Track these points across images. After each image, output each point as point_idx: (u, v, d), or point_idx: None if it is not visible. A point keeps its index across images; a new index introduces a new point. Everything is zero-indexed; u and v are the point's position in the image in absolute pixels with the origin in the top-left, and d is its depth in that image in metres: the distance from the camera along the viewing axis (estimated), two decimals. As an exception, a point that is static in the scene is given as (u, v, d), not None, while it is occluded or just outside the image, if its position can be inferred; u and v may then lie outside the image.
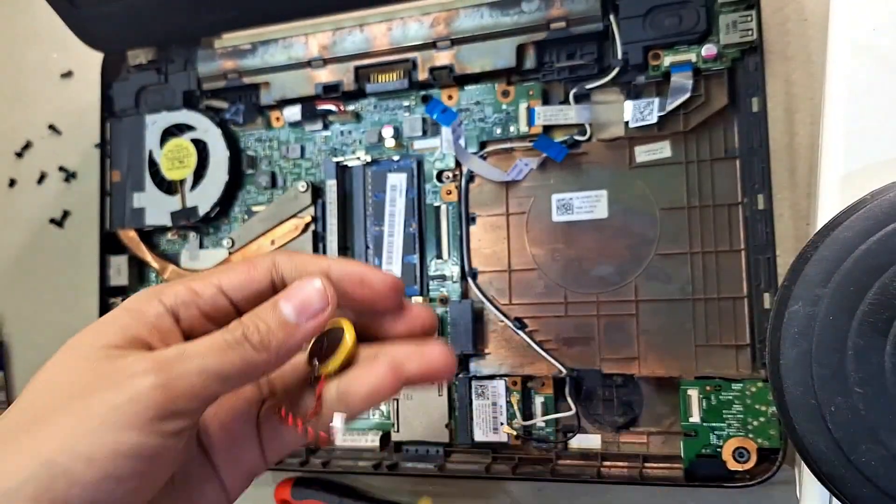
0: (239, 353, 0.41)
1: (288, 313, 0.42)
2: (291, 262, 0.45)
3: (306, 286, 0.43)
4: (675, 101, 0.80)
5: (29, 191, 1.21)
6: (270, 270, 0.44)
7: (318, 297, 0.43)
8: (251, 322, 0.42)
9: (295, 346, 0.43)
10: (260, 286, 0.44)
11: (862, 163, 0.59)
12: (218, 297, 0.44)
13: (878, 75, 0.60)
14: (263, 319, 0.42)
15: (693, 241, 0.81)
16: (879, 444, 0.48)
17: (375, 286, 0.45)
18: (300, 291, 0.43)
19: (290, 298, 0.43)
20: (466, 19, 0.87)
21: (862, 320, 0.49)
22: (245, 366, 0.41)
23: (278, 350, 0.42)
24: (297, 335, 0.42)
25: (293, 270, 0.44)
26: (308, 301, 0.43)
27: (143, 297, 0.43)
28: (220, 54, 0.97)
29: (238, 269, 0.44)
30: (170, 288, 0.43)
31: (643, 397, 0.83)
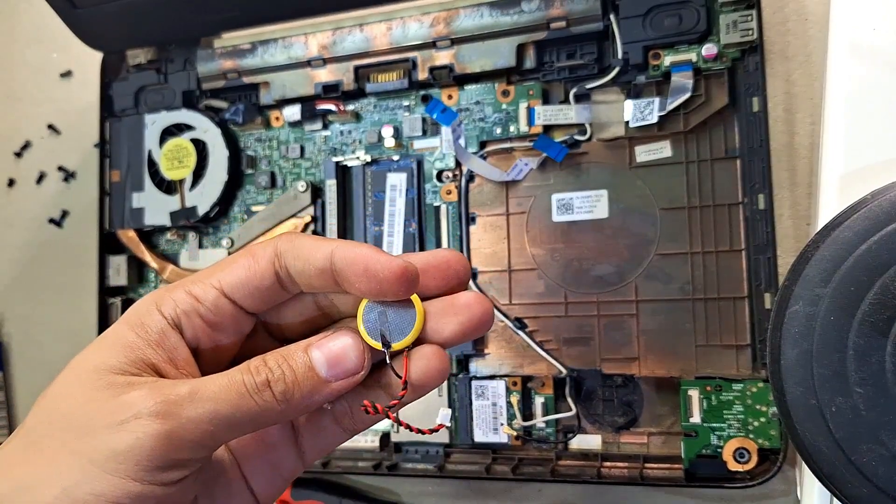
0: (258, 401, 0.38)
1: (319, 366, 0.39)
2: (294, 251, 0.41)
3: (343, 341, 0.40)
4: (675, 100, 0.80)
5: (28, 191, 1.21)
6: (273, 263, 0.41)
7: (355, 358, 0.40)
8: (277, 367, 0.39)
9: (317, 404, 0.40)
10: (263, 281, 0.41)
11: (862, 163, 0.59)
12: (220, 302, 0.41)
13: (879, 75, 0.60)
14: (292, 367, 0.39)
15: (693, 241, 0.81)
16: (880, 444, 0.48)
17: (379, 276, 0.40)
18: (336, 344, 0.40)
19: (322, 348, 0.39)
20: (466, 19, 0.87)
21: (862, 320, 0.49)
22: (261, 416, 0.38)
23: (300, 404, 0.39)
24: (324, 392, 0.39)
25: (297, 261, 0.40)
26: (343, 358, 0.40)
27: (143, 308, 0.40)
28: (220, 54, 0.97)
29: (239, 265, 0.41)
30: (169, 294, 0.41)
31: (643, 397, 0.83)
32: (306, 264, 0.40)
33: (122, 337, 0.39)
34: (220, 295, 0.41)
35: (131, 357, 0.38)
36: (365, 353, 0.40)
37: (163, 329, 0.40)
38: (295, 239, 0.41)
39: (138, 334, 0.39)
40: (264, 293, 0.41)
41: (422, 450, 0.89)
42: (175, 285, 0.41)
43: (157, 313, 0.40)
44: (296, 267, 0.41)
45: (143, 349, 0.39)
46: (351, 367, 0.40)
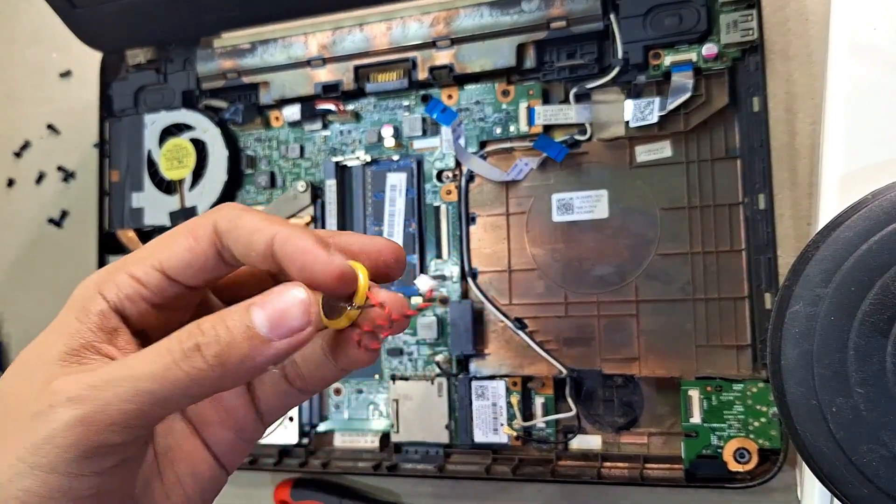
0: (186, 369, 0.34)
1: (259, 323, 0.35)
2: (235, 232, 0.38)
3: (286, 294, 0.36)
4: (675, 100, 0.80)
5: (27, 191, 1.21)
6: (214, 242, 0.38)
7: (300, 314, 0.36)
8: (211, 328, 0.35)
9: (259, 367, 0.36)
10: (207, 261, 0.39)
11: (863, 162, 0.59)
12: (164, 283, 0.39)
13: (880, 75, 0.60)
14: (228, 327, 0.35)
15: (693, 241, 0.81)
16: (881, 445, 0.48)
17: (317, 277, 0.37)
18: (278, 299, 0.36)
19: (264, 305, 0.35)
20: (466, 19, 0.87)
21: (863, 320, 0.49)
22: (192, 385, 0.35)
23: (238, 367, 0.35)
24: (266, 353, 0.35)
25: (237, 244, 0.38)
26: (286, 314, 0.35)
27: (86, 293, 0.38)
28: (220, 54, 0.97)
29: (178, 244, 0.39)
30: (111, 278, 0.38)
31: (643, 398, 0.83)
32: (248, 248, 0.38)
33: (66, 324, 0.38)
34: (162, 277, 0.39)
35: (73, 344, 0.37)
36: (312, 306, 0.36)
37: (103, 312, 0.38)
38: (236, 218, 0.38)
39: (80, 320, 0.38)
40: (209, 271, 0.39)
41: (421, 450, 0.89)
42: (116, 267, 0.39)
43: (100, 298, 0.38)
44: (237, 250, 0.38)
45: (85, 334, 0.37)
46: (296, 323, 0.36)
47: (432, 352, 0.90)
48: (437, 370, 0.89)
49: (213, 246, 0.38)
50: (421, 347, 0.90)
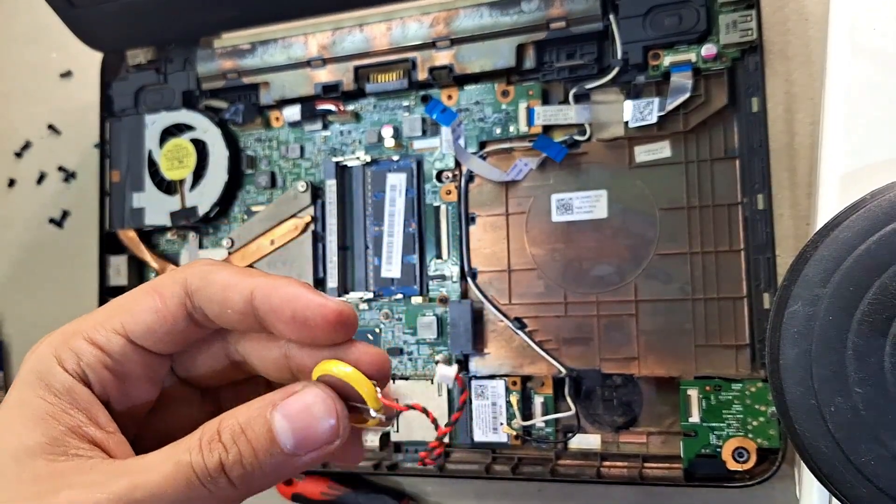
0: (211, 490, 0.31)
1: (284, 437, 0.32)
2: (208, 290, 0.34)
3: (312, 401, 0.33)
4: (674, 100, 0.80)
5: (28, 191, 1.21)
6: (184, 303, 0.35)
7: (329, 430, 0.33)
8: (233, 442, 0.32)
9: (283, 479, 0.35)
10: (176, 323, 0.35)
11: (862, 162, 0.59)
12: (128, 351, 0.35)
13: (879, 75, 0.60)
14: (250, 442, 0.32)
15: (693, 241, 0.81)
16: (879, 445, 0.48)
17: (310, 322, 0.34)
18: (303, 408, 0.32)
19: (289, 415, 0.32)
20: (466, 19, 0.87)
21: (862, 320, 0.49)
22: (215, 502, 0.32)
23: (262, 485, 0.33)
24: (291, 468, 0.33)
25: (211, 303, 0.34)
26: (313, 425, 0.32)
27: (43, 367, 0.34)
28: (220, 54, 0.98)
29: (144, 307, 0.35)
30: (68, 345, 0.34)
31: (643, 397, 0.83)
32: (223, 306, 0.34)
33: (33, 406, 0.33)
34: (126, 343, 0.35)
35: (51, 432, 0.32)
36: (343, 417, 0.33)
37: (71, 388, 0.34)
38: (208, 274, 0.35)
39: (47, 400, 0.33)
40: (178, 336, 0.36)
41: (422, 449, 0.89)
42: (72, 330, 0.35)
43: (60, 370, 0.34)
44: (211, 310, 0.35)
45: (61, 417, 0.33)
46: (324, 436, 0.33)
47: (432, 351, 0.90)
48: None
49: (182, 307, 0.35)
50: (421, 347, 0.91)
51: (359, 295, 0.92)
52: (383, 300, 0.92)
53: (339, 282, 0.92)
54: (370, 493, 0.94)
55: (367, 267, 0.93)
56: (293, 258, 0.94)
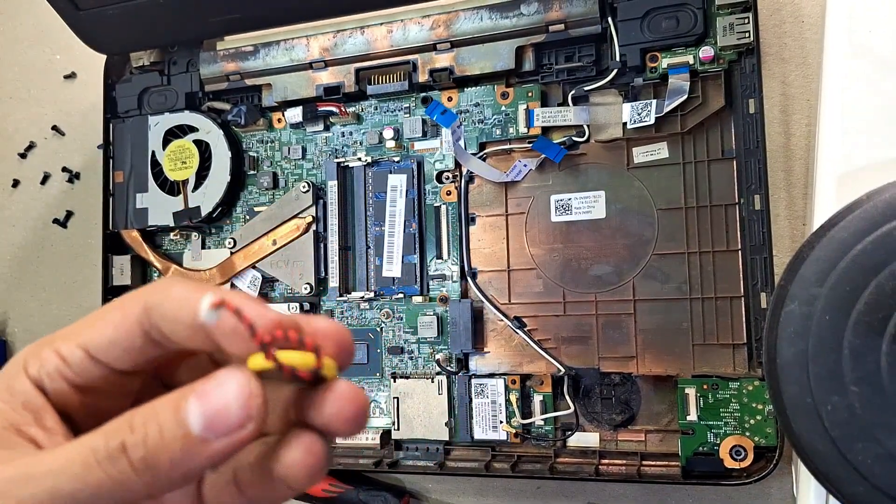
0: (111, 473, 0.30)
1: (193, 419, 0.30)
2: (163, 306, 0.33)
3: (226, 384, 0.30)
4: (672, 102, 0.80)
5: (32, 191, 1.21)
6: (141, 321, 0.33)
7: (238, 406, 0.30)
8: (140, 425, 0.30)
9: (196, 471, 0.30)
10: (133, 340, 0.34)
11: (858, 163, 0.60)
12: (87, 364, 0.34)
13: (874, 76, 0.60)
14: (159, 425, 0.30)
15: (690, 241, 0.81)
16: (875, 443, 0.48)
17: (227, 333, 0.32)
18: (215, 388, 0.30)
19: (202, 398, 0.30)
20: (466, 22, 0.88)
21: (858, 320, 0.49)
22: (118, 489, 0.30)
23: (170, 472, 0.30)
24: (202, 456, 0.30)
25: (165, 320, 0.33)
26: (224, 408, 0.30)
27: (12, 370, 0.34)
28: (223, 56, 0.98)
29: (105, 320, 0.34)
30: (38, 350, 0.34)
31: (641, 396, 0.84)
32: (175, 323, 0.33)
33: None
34: (85, 356, 0.34)
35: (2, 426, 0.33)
36: (255, 397, 0.30)
37: (27, 391, 0.34)
38: (165, 290, 0.33)
39: (3, 399, 0.34)
40: (136, 353, 0.34)
41: (422, 447, 0.90)
42: (47, 341, 0.35)
43: (24, 374, 0.34)
44: (166, 326, 0.33)
45: (8, 414, 0.33)
46: (235, 420, 0.30)
47: (432, 350, 0.91)
48: (437, 368, 0.90)
49: (139, 324, 0.33)
50: (421, 346, 0.91)
51: (360, 294, 0.93)
52: (384, 299, 0.93)
53: (341, 281, 0.93)
54: (371, 491, 0.95)
55: (369, 267, 0.94)
56: (295, 258, 0.95)
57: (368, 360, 0.93)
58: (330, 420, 0.33)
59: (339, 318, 0.95)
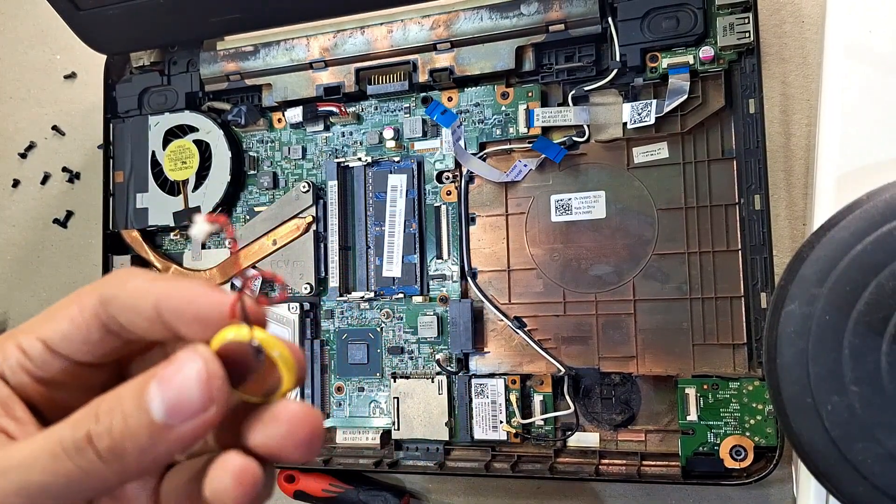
0: (78, 463, 0.30)
1: (156, 406, 0.29)
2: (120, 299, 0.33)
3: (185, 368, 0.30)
4: (672, 102, 0.80)
5: (33, 191, 1.21)
6: (98, 313, 0.33)
7: (198, 389, 0.30)
8: (105, 415, 0.30)
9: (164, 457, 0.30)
10: (90, 333, 0.34)
11: (858, 163, 0.60)
12: (46, 357, 0.34)
13: (874, 77, 0.60)
14: (122, 412, 0.30)
15: (690, 241, 0.82)
16: (875, 442, 0.48)
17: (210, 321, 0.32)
18: (177, 375, 0.30)
19: (162, 384, 0.30)
20: (466, 22, 0.88)
21: (858, 319, 0.49)
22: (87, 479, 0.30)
23: (139, 460, 0.30)
24: (168, 442, 0.30)
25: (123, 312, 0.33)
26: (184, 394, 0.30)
27: None
28: (223, 56, 0.98)
29: (62, 314, 0.34)
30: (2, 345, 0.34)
31: (641, 396, 0.84)
32: (133, 315, 0.33)
33: None
34: (45, 349, 0.34)
35: None
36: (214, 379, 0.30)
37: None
38: (121, 282, 0.34)
39: None
40: (95, 345, 0.34)
41: (422, 447, 0.90)
42: (11, 334, 0.35)
43: None
44: (124, 319, 0.33)
45: None
46: (196, 404, 0.30)
47: (433, 350, 0.91)
48: (437, 368, 0.90)
49: (96, 316, 0.33)
50: (421, 346, 0.91)
51: (360, 294, 0.93)
52: (384, 299, 0.93)
53: (341, 281, 0.93)
54: (371, 491, 0.95)
55: (369, 267, 0.94)
56: (295, 258, 0.95)
57: (368, 360, 0.93)
58: (278, 443, 0.31)
59: (339, 318, 0.95)
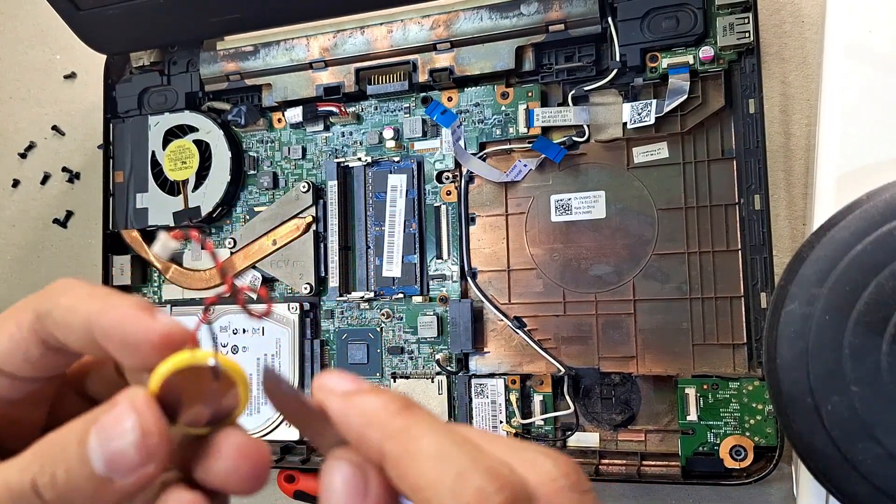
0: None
1: (96, 461, 0.28)
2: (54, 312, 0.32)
3: (123, 419, 0.29)
4: (672, 102, 0.80)
5: (33, 191, 1.21)
6: (35, 328, 0.32)
7: (134, 448, 0.28)
8: (49, 464, 0.29)
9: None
10: (28, 350, 0.32)
11: (857, 163, 0.60)
12: None
13: (874, 77, 0.60)
14: (65, 463, 0.29)
15: (690, 241, 0.82)
16: (875, 442, 0.48)
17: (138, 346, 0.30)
18: (114, 427, 0.29)
19: (101, 434, 0.29)
20: (466, 22, 0.88)
21: (858, 319, 0.49)
22: None
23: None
24: (111, 492, 0.29)
25: (59, 328, 0.32)
26: (122, 450, 0.28)
27: None
28: (223, 56, 0.98)
29: (2, 331, 0.33)
30: None
31: (641, 396, 0.84)
32: (68, 333, 0.32)
33: None
34: None
35: None
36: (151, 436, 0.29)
37: None
38: (56, 297, 0.32)
39: None
40: (35, 362, 0.33)
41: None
42: None
43: None
44: (60, 335, 0.32)
45: None
46: (133, 458, 0.29)
47: (432, 350, 0.91)
48: (437, 368, 0.90)
49: (33, 332, 0.32)
50: (421, 346, 0.91)
51: (360, 294, 0.93)
52: (384, 299, 0.93)
53: (341, 281, 0.93)
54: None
55: (369, 267, 0.94)
56: (295, 258, 0.95)
57: (368, 360, 0.93)
58: (222, 478, 0.31)
59: (339, 318, 0.95)
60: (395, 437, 0.28)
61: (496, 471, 0.27)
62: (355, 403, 0.29)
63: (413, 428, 0.28)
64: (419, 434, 0.28)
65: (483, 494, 0.26)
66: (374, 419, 0.29)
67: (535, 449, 0.30)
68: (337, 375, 0.31)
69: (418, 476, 0.27)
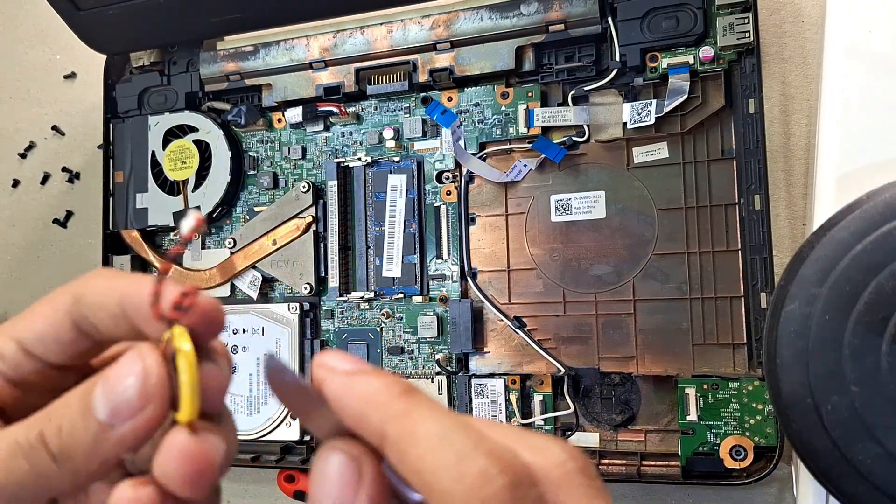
0: (30, 463, 0.30)
1: (98, 405, 0.29)
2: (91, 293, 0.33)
3: (126, 365, 0.30)
4: (672, 102, 0.80)
5: (33, 191, 1.21)
6: (71, 312, 0.33)
7: (134, 388, 0.29)
8: (55, 417, 0.30)
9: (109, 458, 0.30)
10: (62, 332, 0.33)
11: (858, 163, 0.60)
12: (19, 357, 0.33)
13: (874, 77, 0.60)
14: (71, 413, 0.30)
15: (690, 241, 0.81)
16: (875, 442, 0.48)
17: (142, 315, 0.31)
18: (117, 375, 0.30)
19: (106, 384, 0.30)
20: (466, 22, 0.88)
21: (858, 319, 0.49)
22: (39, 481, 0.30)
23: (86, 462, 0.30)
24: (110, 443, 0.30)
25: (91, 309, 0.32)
26: (124, 394, 0.29)
27: None
28: (223, 56, 0.98)
29: (36, 312, 0.33)
30: None
31: (641, 396, 0.84)
32: (102, 313, 0.32)
33: None
34: (18, 349, 0.33)
35: None
36: (151, 376, 0.29)
37: None
38: (89, 280, 0.33)
39: None
40: (67, 345, 0.33)
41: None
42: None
43: None
44: (94, 317, 0.33)
45: None
46: (133, 402, 0.29)
47: (432, 350, 0.91)
48: (437, 368, 0.90)
49: (68, 315, 0.33)
50: (421, 346, 0.91)
51: (360, 294, 0.93)
52: (384, 299, 0.93)
53: (341, 281, 0.93)
54: (371, 491, 0.94)
55: (369, 267, 0.94)
56: (295, 258, 0.95)
57: (368, 360, 0.93)
58: (166, 479, 0.30)
59: (339, 318, 0.95)
60: (397, 419, 0.28)
61: (499, 454, 0.27)
62: (356, 383, 0.29)
63: (415, 411, 0.28)
64: (421, 417, 0.28)
65: (485, 476, 0.26)
66: (376, 400, 0.29)
67: (541, 436, 0.30)
68: (337, 354, 0.31)
69: (419, 458, 0.27)
